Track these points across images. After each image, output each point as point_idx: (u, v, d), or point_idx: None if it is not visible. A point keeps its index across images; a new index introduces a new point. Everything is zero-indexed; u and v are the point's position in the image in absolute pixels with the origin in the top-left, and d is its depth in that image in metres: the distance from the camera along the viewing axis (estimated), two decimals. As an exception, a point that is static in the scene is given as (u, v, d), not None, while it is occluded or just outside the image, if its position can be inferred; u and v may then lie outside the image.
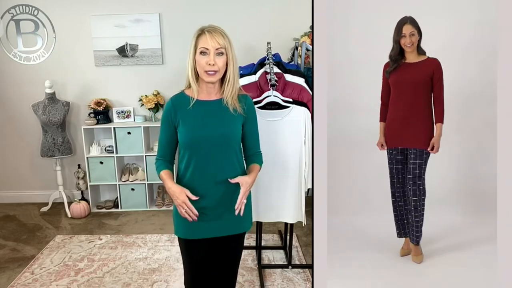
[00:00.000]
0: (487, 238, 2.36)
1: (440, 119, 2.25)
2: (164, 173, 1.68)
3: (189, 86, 1.64)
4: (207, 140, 1.61)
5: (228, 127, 1.65)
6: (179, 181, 1.70)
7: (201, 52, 1.56)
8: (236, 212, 1.63)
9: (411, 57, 2.26)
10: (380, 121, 2.39)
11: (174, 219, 1.75)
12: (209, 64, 1.55)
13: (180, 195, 1.59)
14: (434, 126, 2.27)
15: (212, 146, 1.62)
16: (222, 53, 1.57)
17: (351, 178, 2.87)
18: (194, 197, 1.59)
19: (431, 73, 2.23)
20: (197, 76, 1.62)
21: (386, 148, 2.38)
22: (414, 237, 2.32)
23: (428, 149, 2.25)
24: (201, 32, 1.58)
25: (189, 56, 1.60)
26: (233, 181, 1.62)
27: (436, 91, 2.26)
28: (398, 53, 2.25)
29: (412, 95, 2.25)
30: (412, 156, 2.26)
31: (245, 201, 1.63)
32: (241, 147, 1.76)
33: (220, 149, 1.64)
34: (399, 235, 2.43)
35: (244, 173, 1.75)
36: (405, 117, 2.26)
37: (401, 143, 2.31)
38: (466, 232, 2.57)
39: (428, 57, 2.27)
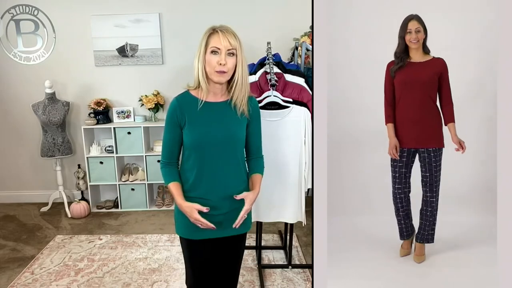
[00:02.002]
0: (488, 238, 2.35)
1: (451, 119, 2.23)
2: (173, 186, 1.65)
3: (197, 86, 1.62)
4: (212, 142, 1.60)
5: (234, 130, 1.64)
6: (184, 183, 1.68)
7: (212, 51, 1.54)
8: (234, 226, 1.64)
9: (417, 56, 2.23)
10: (388, 122, 2.31)
11: (175, 217, 1.74)
12: (220, 64, 1.53)
13: (192, 214, 1.59)
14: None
15: (217, 148, 1.61)
16: (233, 54, 1.55)
17: (351, 178, 2.86)
18: (204, 209, 1.58)
19: (439, 73, 2.20)
20: (206, 76, 1.59)
21: (398, 152, 2.30)
22: (426, 237, 2.31)
23: (461, 151, 2.24)
24: (213, 31, 1.56)
25: (198, 56, 1.57)
26: (238, 197, 1.63)
27: (445, 91, 2.23)
28: (403, 50, 2.21)
29: (422, 95, 2.21)
30: (426, 156, 2.25)
31: (245, 216, 1.65)
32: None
33: (225, 151, 1.63)
34: (403, 237, 2.39)
35: (247, 175, 1.76)
36: (416, 118, 2.23)
37: (415, 144, 2.26)
38: (467, 232, 2.55)
39: (433, 57, 2.24)
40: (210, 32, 1.56)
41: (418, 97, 2.22)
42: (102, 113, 4.11)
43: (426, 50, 2.23)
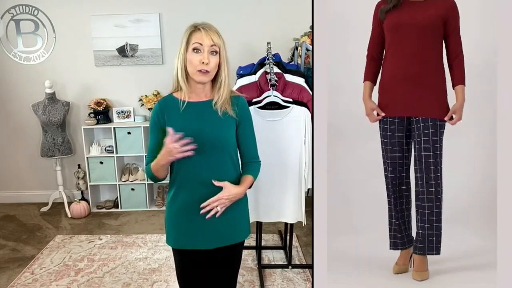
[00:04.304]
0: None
1: (460, 80, 1.69)
2: (153, 163, 1.52)
3: (176, 88, 1.55)
4: (195, 143, 1.46)
5: (219, 131, 1.53)
6: (171, 186, 1.60)
7: (194, 49, 1.46)
8: (202, 212, 1.49)
9: None
10: (365, 80, 1.85)
11: (166, 226, 1.64)
12: (203, 63, 1.44)
13: (167, 147, 1.39)
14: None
15: (202, 151, 1.48)
16: (216, 52, 1.47)
17: (351, 178, 2.86)
18: (177, 135, 1.39)
19: (444, 16, 1.68)
20: (186, 76, 1.51)
21: (380, 116, 1.81)
22: (427, 245, 1.80)
23: (446, 118, 1.70)
24: (195, 29, 1.48)
25: (179, 54, 1.49)
26: (217, 183, 1.50)
27: (452, 41, 1.70)
28: None
29: (418, 44, 1.69)
30: (422, 129, 1.70)
31: (218, 209, 1.49)
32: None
33: (211, 154, 1.51)
34: (395, 245, 1.90)
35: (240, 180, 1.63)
36: (410, 75, 1.71)
37: (404, 110, 1.74)
38: (476, 248, 2.11)
39: None
40: (191, 30, 1.48)
41: (414, 46, 1.70)
42: (102, 113, 4.11)
43: None
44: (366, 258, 2.04)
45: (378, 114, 1.84)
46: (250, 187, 1.62)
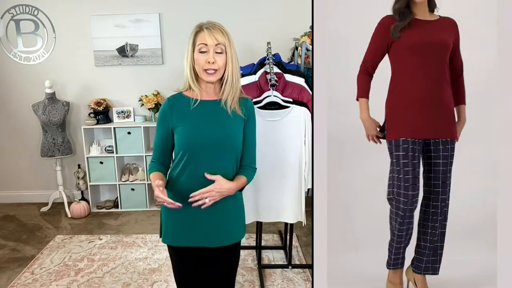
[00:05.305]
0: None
1: (464, 99, 1.73)
2: (153, 175, 1.53)
3: (188, 88, 1.56)
4: (205, 142, 1.51)
5: (228, 129, 1.54)
6: (172, 184, 1.58)
7: (199, 50, 1.49)
8: (189, 200, 1.46)
9: (421, 13, 1.69)
10: (361, 96, 1.81)
11: (162, 224, 1.64)
12: (209, 62, 1.47)
13: (155, 194, 1.43)
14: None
15: (209, 149, 1.51)
16: (222, 51, 1.49)
17: (351, 177, 2.85)
18: (159, 183, 1.42)
19: (453, 37, 1.69)
20: (196, 76, 1.54)
21: (378, 139, 1.81)
22: (433, 265, 1.77)
23: (457, 139, 1.73)
24: (200, 29, 1.50)
25: (187, 55, 1.53)
26: (209, 177, 1.47)
27: (457, 60, 1.72)
28: (405, 5, 1.68)
29: (439, 64, 1.65)
30: (441, 151, 1.69)
31: (207, 201, 1.45)
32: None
33: (218, 152, 1.52)
34: (395, 263, 1.84)
35: None
36: (428, 97, 1.66)
37: (425, 132, 1.68)
38: (486, 270, 1.96)
39: (439, 16, 1.74)
40: (196, 30, 1.51)
41: (434, 67, 1.65)
42: (102, 113, 4.11)
43: (432, 6, 1.70)
44: (366, 275, 2.03)
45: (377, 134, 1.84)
46: (241, 190, 1.61)
